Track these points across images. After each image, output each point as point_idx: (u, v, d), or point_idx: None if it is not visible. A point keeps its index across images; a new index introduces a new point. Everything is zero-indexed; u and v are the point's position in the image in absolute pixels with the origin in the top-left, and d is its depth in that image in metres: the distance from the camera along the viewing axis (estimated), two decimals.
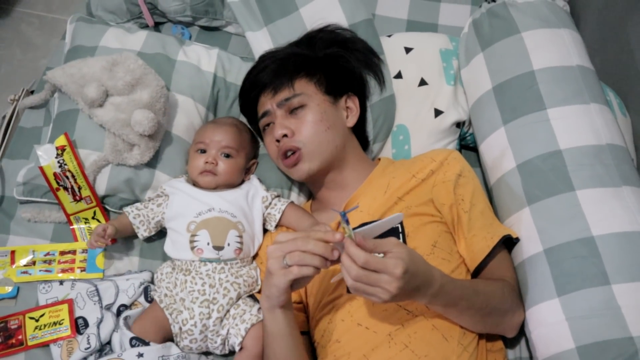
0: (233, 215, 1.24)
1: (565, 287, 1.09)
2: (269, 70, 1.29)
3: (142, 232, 1.28)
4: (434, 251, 1.13)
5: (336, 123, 1.28)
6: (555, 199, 1.16)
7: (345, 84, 1.34)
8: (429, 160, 1.24)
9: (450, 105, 1.44)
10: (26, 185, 1.30)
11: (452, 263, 1.14)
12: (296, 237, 0.94)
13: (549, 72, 1.27)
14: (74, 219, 1.31)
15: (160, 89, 1.29)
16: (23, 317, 1.21)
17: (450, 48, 1.50)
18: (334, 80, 1.31)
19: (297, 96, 1.25)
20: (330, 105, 1.28)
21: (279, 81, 1.27)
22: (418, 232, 1.15)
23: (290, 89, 1.26)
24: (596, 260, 1.08)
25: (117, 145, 1.28)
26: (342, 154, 1.28)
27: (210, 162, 1.27)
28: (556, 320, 1.09)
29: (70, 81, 1.31)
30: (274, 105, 1.27)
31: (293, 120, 1.25)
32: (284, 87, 1.27)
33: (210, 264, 1.21)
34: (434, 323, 1.07)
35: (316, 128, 1.24)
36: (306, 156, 1.23)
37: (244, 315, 1.19)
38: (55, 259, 1.28)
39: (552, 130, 1.22)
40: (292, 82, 1.27)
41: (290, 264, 0.92)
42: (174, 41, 1.47)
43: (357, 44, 1.40)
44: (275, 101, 1.27)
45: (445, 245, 1.15)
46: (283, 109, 1.26)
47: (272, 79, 1.28)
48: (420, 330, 1.06)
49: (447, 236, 1.17)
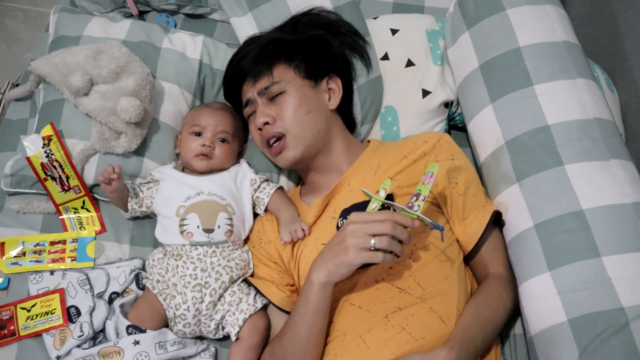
0: (222, 198, 1.24)
1: (556, 261, 1.10)
2: (250, 58, 1.29)
3: (133, 205, 1.26)
4: (424, 229, 1.13)
5: (318, 107, 1.27)
6: (544, 174, 1.17)
7: (326, 66, 1.33)
8: (421, 142, 1.24)
9: (437, 86, 1.44)
10: (14, 176, 1.29)
11: (443, 243, 1.14)
12: (384, 219, 0.95)
13: (535, 48, 1.27)
14: (63, 209, 1.30)
15: (145, 76, 1.29)
16: (14, 308, 1.20)
17: (437, 28, 1.50)
18: (314, 63, 1.30)
19: (276, 84, 1.25)
20: (309, 89, 1.28)
21: (257, 69, 1.27)
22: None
23: (269, 77, 1.26)
24: (586, 233, 1.09)
25: (104, 134, 1.28)
26: (326, 137, 1.27)
27: (208, 145, 1.27)
28: (548, 295, 1.09)
29: (55, 71, 1.30)
30: (255, 93, 1.27)
31: (274, 107, 1.24)
32: (262, 76, 1.27)
33: (202, 247, 1.21)
34: (431, 305, 1.07)
35: (296, 113, 1.23)
36: (290, 144, 1.23)
37: (240, 304, 1.19)
38: (45, 249, 1.27)
39: (539, 106, 1.22)
40: (270, 70, 1.27)
41: (379, 247, 0.93)
42: (159, 29, 1.46)
43: (341, 26, 1.39)
44: (255, 89, 1.27)
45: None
46: (264, 97, 1.26)
47: (251, 67, 1.28)
48: (417, 312, 1.06)
49: (438, 216, 1.17)
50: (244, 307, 1.19)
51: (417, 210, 0.97)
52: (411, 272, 1.09)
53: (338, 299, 1.11)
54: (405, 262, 1.09)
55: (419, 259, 1.10)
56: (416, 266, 1.09)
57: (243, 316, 1.17)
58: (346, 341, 1.07)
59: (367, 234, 0.95)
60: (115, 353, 1.13)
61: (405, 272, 1.09)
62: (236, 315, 1.18)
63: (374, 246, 0.94)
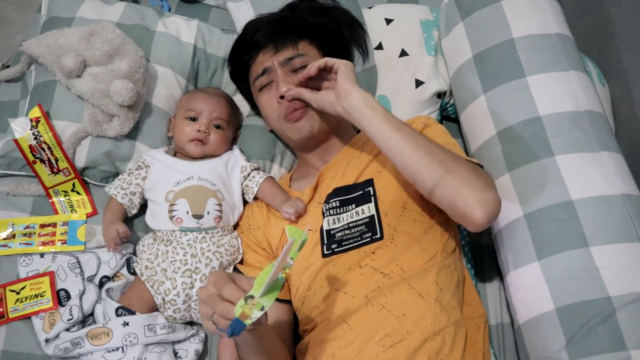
0: (212, 184, 1.24)
1: (545, 251, 1.11)
2: (265, 31, 1.27)
3: (132, 210, 1.28)
4: (404, 213, 1.14)
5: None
6: (535, 164, 1.18)
7: (337, 51, 1.34)
8: None
9: (431, 76, 1.45)
10: (3, 158, 1.28)
11: (424, 224, 1.14)
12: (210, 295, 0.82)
13: (528, 40, 1.27)
14: (52, 192, 1.29)
15: (139, 59, 1.28)
16: (3, 290, 1.20)
17: (431, 19, 1.50)
18: (329, 48, 1.31)
19: (301, 56, 1.24)
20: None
21: (281, 40, 1.25)
22: (388, 195, 1.15)
23: (294, 48, 1.25)
24: (575, 223, 1.10)
25: (96, 116, 1.27)
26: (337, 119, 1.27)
27: (203, 131, 1.27)
28: (536, 283, 1.10)
29: (47, 52, 1.29)
30: (276, 62, 1.24)
31: (296, 78, 1.22)
32: (287, 46, 1.25)
33: (191, 233, 1.20)
34: (410, 283, 1.07)
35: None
36: (312, 114, 1.22)
37: None
38: (35, 232, 1.27)
39: (531, 97, 1.23)
40: (296, 42, 1.26)
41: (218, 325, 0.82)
42: (153, 13, 1.45)
43: (342, 14, 1.39)
44: (277, 59, 1.25)
45: (416, 206, 1.15)
46: (285, 68, 1.24)
47: (272, 37, 1.26)
48: (396, 290, 1.06)
49: (417, 196, 1.16)
50: None
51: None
52: (393, 256, 1.09)
53: (323, 285, 1.12)
54: (388, 247, 1.10)
55: (401, 243, 1.10)
56: (398, 251, 1.09)
57: None
58: (330, 325, 1.08)
59: (210, 312, 0.83)
60: (104, 334, 1.13)
61: (388, 256, 1.09)
62: None
63: (215, 322, 0.83)
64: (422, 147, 1.03)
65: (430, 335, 1.02)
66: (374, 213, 1.14)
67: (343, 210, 1.17)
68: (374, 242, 1.11)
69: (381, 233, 1.11)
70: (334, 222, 1.16)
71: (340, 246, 1.13)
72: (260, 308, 0.77)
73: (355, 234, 1.13)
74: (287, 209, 1.19)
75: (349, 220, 1.15)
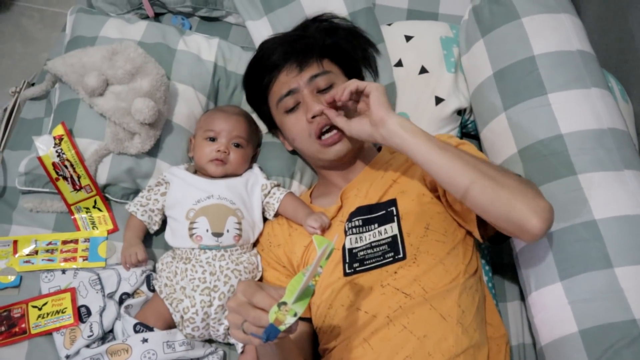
0: (232, 202, 1.24)
1: (568, 271, 1.10)
2: (283, 51, 1.26)
3: (153, 227, 1.29)
4: (427, 233, 1.13)
5: None
6: (557, 183, 1.16)
7: (354, 71, 1.34)
8: None
9: (451, 93, 1.44)
10: (28, 175, 1.30)
11: (447, 245, 1.13)
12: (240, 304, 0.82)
13: (549, 57, 1.27)
14: (74, 208, 1.31)
15: (160, 77, 1.29)
16: (26, 306, 1.21)
17: (451, 36, 1.50)
18: (347, 66, 1.31)
19: (326, 73, 1.24)
20: None
21: (304, 58, 1.24)
22: (410, 215, 1.15)
23: (319, 65, 1.25)
24: (599, 243, 1.08)
25: (118, 134, 1.28)
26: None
27: (223, 150, 1.27)
28: (559, 304, 1.09)
29: (71, 71, 1.31)
30: (301, 82, 1.23)
31: (323, 98, 1.21)
32: (311, 64, 1.24)
33: (210, 251, 1.21)
34: (432, 303, 1.06)
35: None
36: (345, 137, 1.20)
37: None
38: (57, 248, 1.28)
39: (553, 115, 1.22)
40: (320, 60, 1.25)
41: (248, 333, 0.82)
42: (174, 31, 1.46)
43: (354, 33, 1.39)
44: (302, 79, 1.23)
45: (439, 227, 1.14)
46: (311, 87, 1.23)
47: (294, 56, 1.25)
48: (418, 310, 1.05)
49: (440, 217, 1.16)
50: None
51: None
52: (416, 276, 1.08)
53: (344, 304, 1.11)
54: (410, 267, 1.09)
55: (423, 263, 1.09)
56: (420, 271, 1.08)
57: None
58: (351, 345, 1.07)
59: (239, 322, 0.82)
60: (123, 350, 1.13)
61: (411, 276, 1.08)
62: None
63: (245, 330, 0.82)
64: (469, 165, 1.00)
65: (452, 357, 1.01)
66: (397, 233, 1.13)
67: (365, 229, 1.16)
68: (396, 262, 1.10)
69: (404, 253, 1.10)
70: (356, 240, 1.16)
71: (362, 265, 1.13)
72: (293, 314, 0.77)
73: (378, 253, 1.12)
74: (311, 223, 1.19)
75: (371, 239, 1.15)
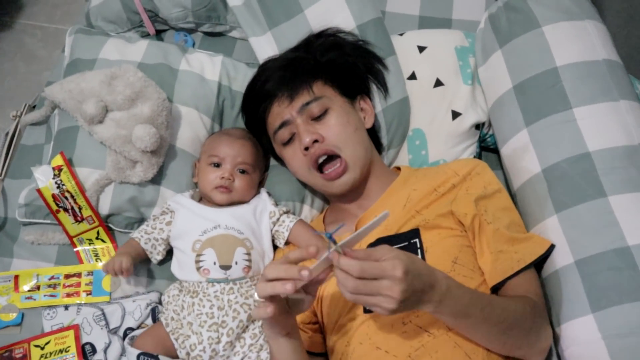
0: (240, 232, 1.18)
1: (600, 302, 1.02)
2: (276, 78, 1.21)
3: (156, 257, 1.23)
4: (454, 268, 1.06)
5: (360, 125, 1.22)
6: (586, 205, 1.09)
7: (356, 86, 1.28)
8: (452, 173, 1.16)
9: (468, 106, 1.36)
10: (28, 206, 1.26)
11: (475, 280, 1.06)
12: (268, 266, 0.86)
13: (573, 68, 1.19)
14: (77, 240, 1.26)
15: (161, 101, 1.23)
16: (28, 345, 1.17)
17: (466, 45, 1.42)
18: (346, 83, 1.24)
19: (318, 99, 1.17)
20: (350, 107, 1.22)
21: (294, 86, 1.19)
22: (437, 248, 1.07)
23: (309, 92, 1.18)
24: (633, 272, 1.01)
25: (119, 163, 1.23)
26: (371, 158, 1.22)
27: (227, 177, 1.21)
28: (591, 339, 1.01)
29: (69, 97, 1.26)
30: (294, 112, 1.18)
31: (318, 126, 1.16)
32: (301, 91, 1.18)
33: (219, 284, 1.15)
34: (456, 341, 0.99)
35: (345, 131, 1.16)
36: (350, 166, 1.15)
37: (261, 352, 1.13)
38: (60, 283, 1.23)
39: (579, 131, 1.14)
40: (310, 85, 1.19)
41: (261, 297, 0.84)
42: (176, 50, 1.40)
43: (357, 48, 1.32)
44: (294, 108, 1.18)
45: (467, 261, 1.07)
46: (304, 116, 1.17)
47: (284, 84, 1.20)
48: (441, 349, 0.99)
49: (468, 251, 1.09)
50: (264, 356, 1.12)
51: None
52: None
53: (363, 342, 1.04)
54: None
55: None
56: None
57: None
58: None
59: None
60: None
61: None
62: None
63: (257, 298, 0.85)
64: (485, 327, 0.95)
65: None
66: None
67: None
68: None
69: None
70: None
71: None
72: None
73: None
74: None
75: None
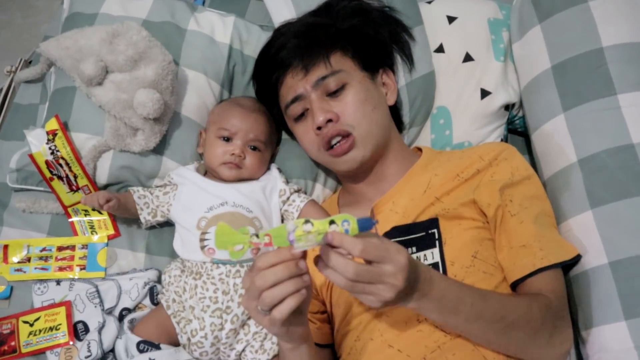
0: (249, 210, 1.10)
1: (636, 309, 0.95)
2: (291, 46, 1.11)
3: (145, 216, 1.14)
4: (474, 263, 0.97)
5: (380, 102, 1.12)
6: (626, 202, 1.01)
7: (379, 58, 1.17)
8: (476, 158, 1.07)
9: (499, 85, 1.26)
10: (20, 172, 1.17)
11: (495, 277, 0.98)
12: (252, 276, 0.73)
13: (621, 49, 1.09)
14: (72, 210, 1.17)
15: (167, 64, 1.13)
16: (16, 321, 1.10)
17: (500, 17, 1.31)
18: (368, 54, 1.14)
19: (336, 73, 1.08)
20: (370, 83, 1.12)
21: (310, 56, 1.09)
22: (456, 240, 0.99)
23: (326, 65, 1.08)
24: None
25: (118, 130, 1.13)
26: (388, 138, 1.13)
27: (238, 154, 1.13)
28: (623, 348, 0.95)
29: (65, 55, 1.15)
30: (308, 87, 1.08)
31: (333, 103, 1.07)
32: (318, 63, 1.08)
33: (224, 266, 1.07)
34: (475, 344, 0.92)
35: (363, 109, 1.07)
36: (359, 142, 1.06)
37: (265, 340, 1.06)
38: (52, 255, 1.16)
39: (623, 119, 1.05)
40: (327, 57, 1.09)
41: (266, 309, 0.73)
42: (185, 7, 1.29)
43: (383, 16, 1.21)
44: (308, 82, 1.08)
45: (488, 256, 0.99)
46: (319, 91, 1.08)
47: (300, 54, 1.10)
48: (459, 351, 0.92)
49: (489, 245, 1.01)
50: (268, 346, 1.05)
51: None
52: None
53: (374, 338, 0.97)
54: None
55: None
56: None
57: (266, 357, 1.04)
58: None
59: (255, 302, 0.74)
60: None
61: None
62: (258, 354, 1.05)
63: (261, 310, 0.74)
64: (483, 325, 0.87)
65: None
66: (439, 260, 0.98)
67: None
68: None
69: None
70: None
71: None
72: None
73: None
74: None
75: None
